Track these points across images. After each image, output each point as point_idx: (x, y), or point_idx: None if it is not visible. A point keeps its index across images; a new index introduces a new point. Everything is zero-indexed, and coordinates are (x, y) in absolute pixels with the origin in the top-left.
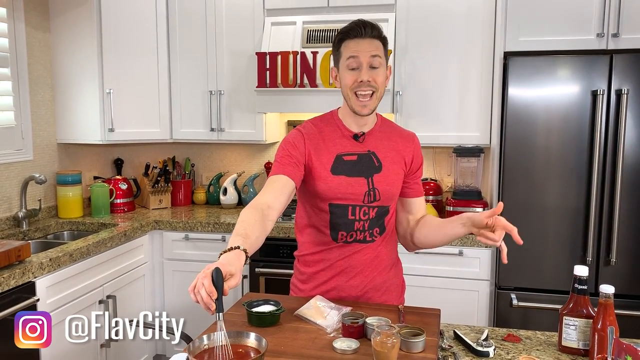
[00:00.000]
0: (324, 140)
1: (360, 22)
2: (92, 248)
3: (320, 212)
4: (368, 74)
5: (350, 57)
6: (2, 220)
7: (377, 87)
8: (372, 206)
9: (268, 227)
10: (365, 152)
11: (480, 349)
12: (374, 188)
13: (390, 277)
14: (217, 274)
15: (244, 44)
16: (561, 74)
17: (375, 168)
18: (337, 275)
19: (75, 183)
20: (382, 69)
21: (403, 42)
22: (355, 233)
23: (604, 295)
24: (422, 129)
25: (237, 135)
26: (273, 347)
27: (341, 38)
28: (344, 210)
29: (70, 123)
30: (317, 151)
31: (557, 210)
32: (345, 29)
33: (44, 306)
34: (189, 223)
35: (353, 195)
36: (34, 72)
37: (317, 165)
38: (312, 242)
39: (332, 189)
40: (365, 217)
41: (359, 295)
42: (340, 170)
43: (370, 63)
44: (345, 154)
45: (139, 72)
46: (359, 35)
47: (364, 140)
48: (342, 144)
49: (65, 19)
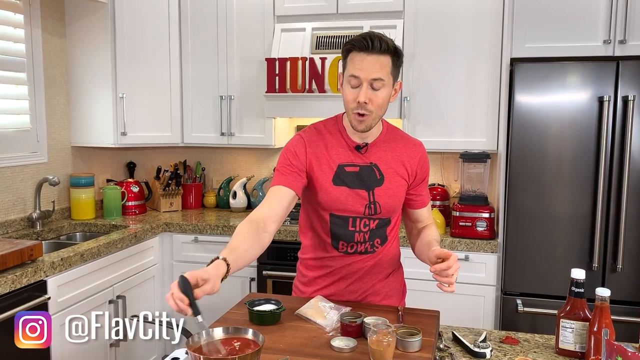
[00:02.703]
0: (326, 148)
1: (368, 35)
2: (102, 249)
3: (321, 219)
4: (366, 96)
5: (351, 75)
6: (16, 221)
7: (373, 110)
8: (373, 218)
9: (264, 238)
10: (368, 164)
11: (477, 350)
12: (375, 201)
13: (391, 282)
14: (182, 281)
15: (254, 50)
16: (567, 81)
17: (377, 181)
18: (337, 281)
19: (88, 185)
20: (384, 90)
21: (411, 48)
22: (355, 245)
23: (600, 298)
24: (429, 135)
25: (247, 139)
26: (272, 345)
27: (348, 48)
28: (345, 221)
29: (84, 127)
30: (318, 159)
31: (563, 216)
32: (353, 40)
33: (54, 305)
34: (198, 226)
35: (353, 207)
36: (50, 77)
37: (318, 174)
38: (314, 247)
39: (333, 200)
40: (366, 228)
41: (359, 300)
42: (341, 182)
43: (371, 84)
44: (347, 164)
45: (151, 78)
46: (365, 49)
47: (366, 151)
48: (344, 154)
49: (81, 25)
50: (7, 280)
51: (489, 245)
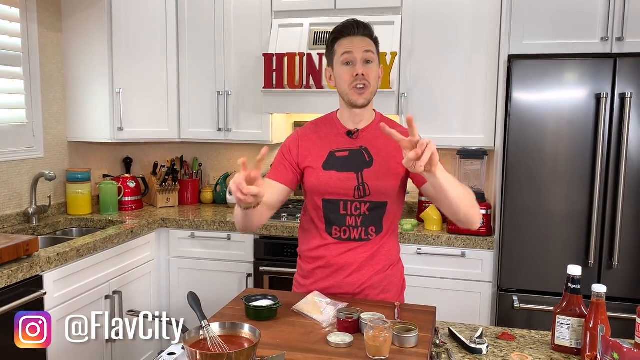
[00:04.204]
0: (319, 139)
1: (352, 21)
2: (99, 244)
3: (316, 206)
4: (362, 68)
5: (344, 52)
6: (12, 216)
7: (370, 82)
8: (364, 201)
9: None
10: (357, 148)
11: (474, 346)
12: (364, 183)
13: (389, 277)
14: (192, 296)
15: (252, 46)
16: (565, 78)
17: (366, 163)
18: (335, 272)
19: (84, 181)
20: (375, 64)
21: (409, 44)
22: (348, 229)
23: (596, 295)
24: (426, 131)
25: (244, 135)
26: (269, 340)
27: (335, 37)
28: (336, 205)
29: (81, 121)
30: (311, 150)
31: (560, 213)
32: (338, 28)
33: (50, 300)
34: (195, 221)
35: (343, 190)
36: (46, 72)
37: (311, 162)
38: (311, 237)
39: (323, 184)
40: (357, 212)
41: (357, 293)
42: (331, 166)
43: (364, 58)
44: (337, 150)
45: (148, 73)
46: (352, 34)
47: (357, 136)
48: (336, 141)
49: (77, 19)
50: (3, 276)
51: (486, 242)
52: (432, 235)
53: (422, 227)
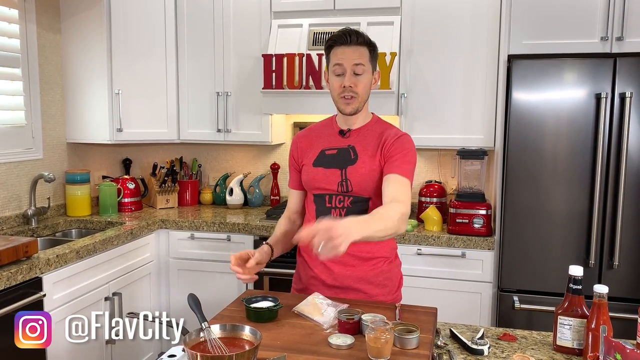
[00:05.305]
0: (316, 139)
1: (346, 31)
2: (98, 245)
3: (310, 201)
4: (350, 80)
5: (336, 64)
6: (11, 217)
7: (358, 92)
8: (347, 195)
9: (296, 223)
10: (345, 146)
11: (475, 347)
12: (347, 179)
13: (384, 272)
14: (192, 298)
15: (251, 46)
16: (565, 77)
17: (351, 160)
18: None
19: (83, 182)
20: (365, 75)
21: (408, 44)
22: None
23: (598, 295)
24: (426, 131)
25: (244, 136)
26: (269, 342)
27: (330, 45)
28: (322, 199)
29: (80, 123)
30: (307, 150)
31: (560, 213)
32: (333, 37)
33: (50, 302)
34: (194, 222)
35: (328, 185)
36: (45, 73)
37: (305, 161)
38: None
39: (311, 180)
40: (341, 204)
41: (350, 285)
42: (320, 163)
43: (354, 70)
44: (328, 148)
45: (147, 73)
46: (345, 43)
47: (349, 136)
48: (328, 140)
49: (76, 20)
50: (2, 277)
51: (486, 242)
52: (432, 236)
53: (422, 227)
